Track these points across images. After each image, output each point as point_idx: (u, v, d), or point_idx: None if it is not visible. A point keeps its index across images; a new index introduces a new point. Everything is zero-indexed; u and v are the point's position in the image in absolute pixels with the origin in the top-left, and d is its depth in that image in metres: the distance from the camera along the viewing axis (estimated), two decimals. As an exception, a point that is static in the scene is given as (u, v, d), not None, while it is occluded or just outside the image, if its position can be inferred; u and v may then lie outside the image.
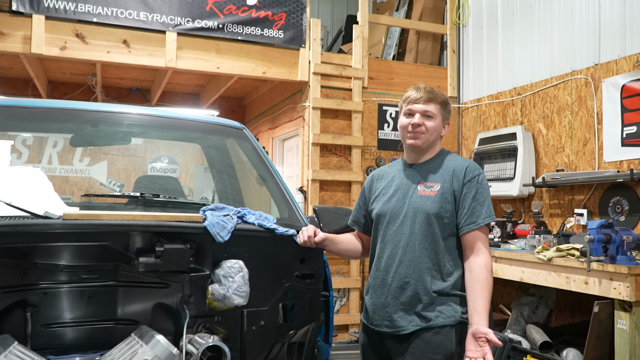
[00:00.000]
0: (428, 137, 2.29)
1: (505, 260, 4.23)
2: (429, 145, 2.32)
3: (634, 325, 3.25)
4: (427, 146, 2.32)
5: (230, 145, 3.19)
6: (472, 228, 2.16)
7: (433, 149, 2.35)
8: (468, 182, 2.20)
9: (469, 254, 2.17)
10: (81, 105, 2.82)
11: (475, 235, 2.17)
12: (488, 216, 2.18)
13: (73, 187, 4.97)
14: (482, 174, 2.26)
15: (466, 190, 2.20)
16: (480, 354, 2.03)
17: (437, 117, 2.30)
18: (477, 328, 2.05)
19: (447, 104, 2.35)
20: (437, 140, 2.34)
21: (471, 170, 2.24)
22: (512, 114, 5.51)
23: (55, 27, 4.85)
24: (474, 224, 2.16)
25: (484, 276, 2.11)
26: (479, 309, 2.07)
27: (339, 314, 5.60)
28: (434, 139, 2.31)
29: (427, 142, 2.30)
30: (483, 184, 2.23)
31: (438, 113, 2.30)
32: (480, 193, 2.20)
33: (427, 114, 2.29)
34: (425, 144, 2.30)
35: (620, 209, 4.28)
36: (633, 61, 4.25)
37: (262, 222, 2.23)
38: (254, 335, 2.18)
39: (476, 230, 2.16)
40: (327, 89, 5.74)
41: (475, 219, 2.16)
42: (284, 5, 5.53)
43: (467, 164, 2.27)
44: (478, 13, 6.11)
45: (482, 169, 5.49)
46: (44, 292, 1.97)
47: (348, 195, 5.74)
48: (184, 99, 7.94)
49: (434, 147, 2.35)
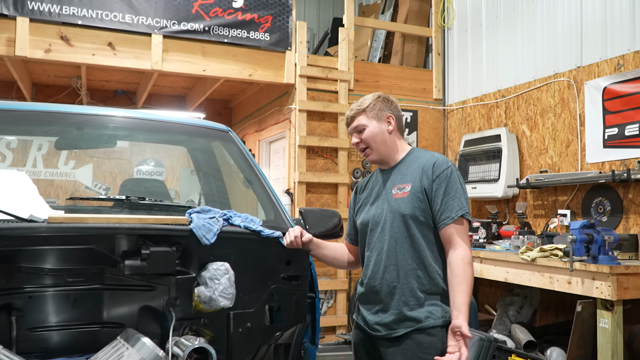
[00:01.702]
0: (374, 147, 2.29)
1: (490, 260, 4.27)
2: (386, 151, 2.31)
3: (615, 324, 3.30)
4: (383, 154, 2.31)
5: (216, 147, 3.20)
6: (448, 222, 2.15)
7: (397, 151, 2.33)
8: (437, 178, 2.19)
9: (448, 248, 2.17)
10: (66, 108, 2.81)
11: (452, 229, 2.15)
12: (461, 208, 2.15)
13: (58, 190, 4.94)
14: (451, 167, 2.22)
15: (436, 186, 2.18)
16: (457, 348, 2.06)
17: (368, 124, 2.29)
18: (453, 322, 2.08)
19: (373, 104, 2.31)
20: (392, 142, 2.32)
21: (439, 165, 2.21)
22: (497, 116, 5.57)
23: (40, 30, 4.82)
24: (448, 219, 2.15)
25: (461, 269, 2.11)
26: (458, 304, 2.09)
27: (326, 315, 5.62)
28: (381, 142, 2.29)
29: (378, 151, 2.30)
30: (452, 177, 2.19)
31: (367, 120, 2.29)
32: (450, 187, 2.17)
33: (358, 129, 2.30)
34: (378, 154, 2.31)
35: (603, 209, 4.35)
36: (614, 64, 4.32)
37: (248, 225, 2.24)
38: (240, 337, 2.18)
39: (451, 225, 2.15)
40: (313, 92, 5.76)
41: (449, 213, 2.15)
42: (270, 7, 5.54)
43: (435, 159, 2.24)
44: (463, 16, 6.17)
45: (467, 170, 5.57)
46: (29, 295, 1.96)
47: (335, 198, 5.76)
48: (170, 101, 7.91)
49: (394, 147, 2.33)
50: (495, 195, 5.16)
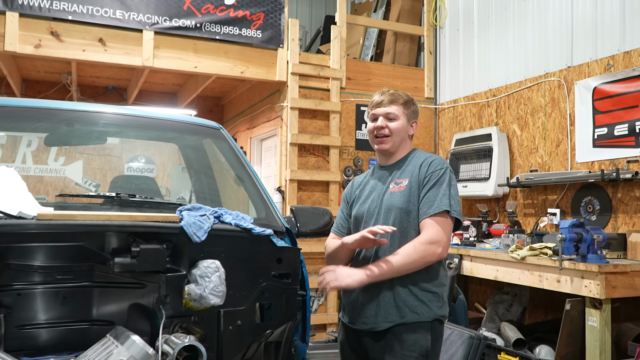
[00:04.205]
0: (394, 139, 2.32)
1: (480, 259, 4.30)
2: (397, 146, 2.34)
3: (604, 322, 3.33)
4: (395, 148, 2.34)
5: (207, 145, 3.18)
6: (424, 217, 2.17)
7: (403, 150, 2.37)
8: (429, 175, 2.21)
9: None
10: (56, 104, 2.79)
11: (429, 221, 2.16)
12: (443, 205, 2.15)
13: (48, 187, 4.90)
14: (447, 169, 2.24)
15: (426, 181, 2.21)
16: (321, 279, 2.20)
17: (400, 117, 2.32)
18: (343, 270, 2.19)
19: (410, 104, 2.35)
20: (405, 141, 2.36)
21: (435, 164, 2.24)
22: (488, 115, 5.59)
23: (30, 25, 4.78)
24: (424, 214, 2.17)
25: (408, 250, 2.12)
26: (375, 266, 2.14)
27: (317, 313, 5.62)
28: (400, 140, 2.33)
29: (394, 144, 2.33)
30: (444, 177, 2.21)
31: (401, 114, 2.32)
32: (439, 184, 2.19)
33: (390, 117, 2.32)
34: (392, 147, 2.33)
35: (592, 208, 4.38)
36: (604, 64, 4.35)
37: (239, 222, 2.23)
38: (231, 335, 2.18)
39: (427, 218, 2.16)
40: (305, 89, 5.75)
41: (426, 208, 2.17)
42: (262, 5, 5.53)
43: (433, 158, 2.27)
44: (454, 15, 6.18)
45: (458, 169, 5.59)
46: (17, 293, 1.95)
47: (326, 195, 5.76)
48: (161, 98, 7.88)
49: (404, 147, 2.36)
50: (486, 194, 5.18)
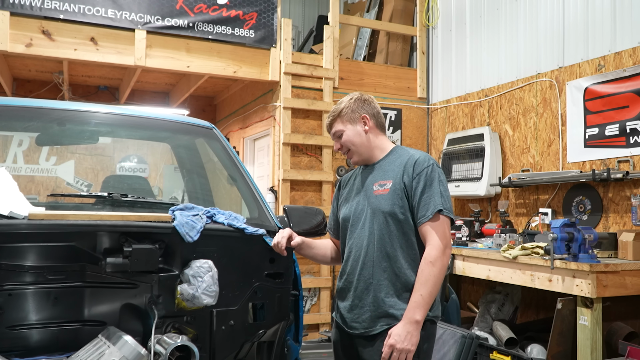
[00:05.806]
0: (356, 150, 2.32)
1: (473, 258, 4.31)
2: (366, 151, 2.33)
3: (595, 321, 3.35)
4: (365, 154, 2.33)
5: (200, 144, 3.18)
6: (423, 221, 2.16)
7: (377, 148, 2.34)
8: (417, 176, 2.18)
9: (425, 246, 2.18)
10: (47, 104, 2.77)
11: (427, 227, 2.15)
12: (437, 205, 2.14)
13: (39, 187, 4.87)
14: (433, 165, 2.21)
15: (415, 184, 2.18)
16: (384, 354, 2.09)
17: (345, 129, 2.31)
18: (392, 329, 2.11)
19: (346, 109, 2.32)
20: (369, 141, 2.33)
21: (420, 162, 2.21)
22: (480, 115, 5.61)
23: (21, 24, 4.75)
24: (424, 217, 2.16)
25: (426, 271, 2.11)
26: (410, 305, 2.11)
27: (310, 313, 5.62)
28: (361, 144, 2.32)
29: (360, 153, 2.33)
30: (432, 175, 2.19)
31: (343, 125, 2.32)
32: (429, 184, 2.17)
33: (337, 134, 2.34)
34: (361, 155, 2.33)
35: (583, 208, 4.41)
36: (595, 65, 4.38)
37: (231, 222, 2.23)
38: (224, 334, 2.18)
39: (427, 223, 2.15)
40: (298, 89, 5.75)
41: (424, 211, 2.15)
42: (255, 4, 5.52)
43: (418, 156, 2.24)
44: (447, 15, 6.20)
45: (451, 169, 5.60)
46: (8, 293, 1.94)
47: (319, 195, 5.76)
48: (153, 97, 7.85)
49: (376, 145, 2.34)
50: (478, 193, 5.20)
